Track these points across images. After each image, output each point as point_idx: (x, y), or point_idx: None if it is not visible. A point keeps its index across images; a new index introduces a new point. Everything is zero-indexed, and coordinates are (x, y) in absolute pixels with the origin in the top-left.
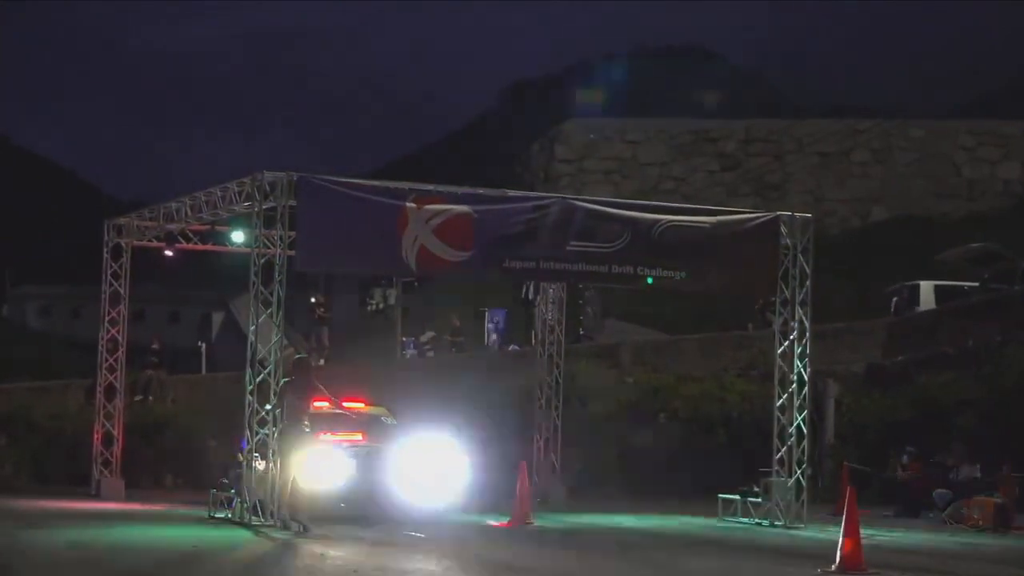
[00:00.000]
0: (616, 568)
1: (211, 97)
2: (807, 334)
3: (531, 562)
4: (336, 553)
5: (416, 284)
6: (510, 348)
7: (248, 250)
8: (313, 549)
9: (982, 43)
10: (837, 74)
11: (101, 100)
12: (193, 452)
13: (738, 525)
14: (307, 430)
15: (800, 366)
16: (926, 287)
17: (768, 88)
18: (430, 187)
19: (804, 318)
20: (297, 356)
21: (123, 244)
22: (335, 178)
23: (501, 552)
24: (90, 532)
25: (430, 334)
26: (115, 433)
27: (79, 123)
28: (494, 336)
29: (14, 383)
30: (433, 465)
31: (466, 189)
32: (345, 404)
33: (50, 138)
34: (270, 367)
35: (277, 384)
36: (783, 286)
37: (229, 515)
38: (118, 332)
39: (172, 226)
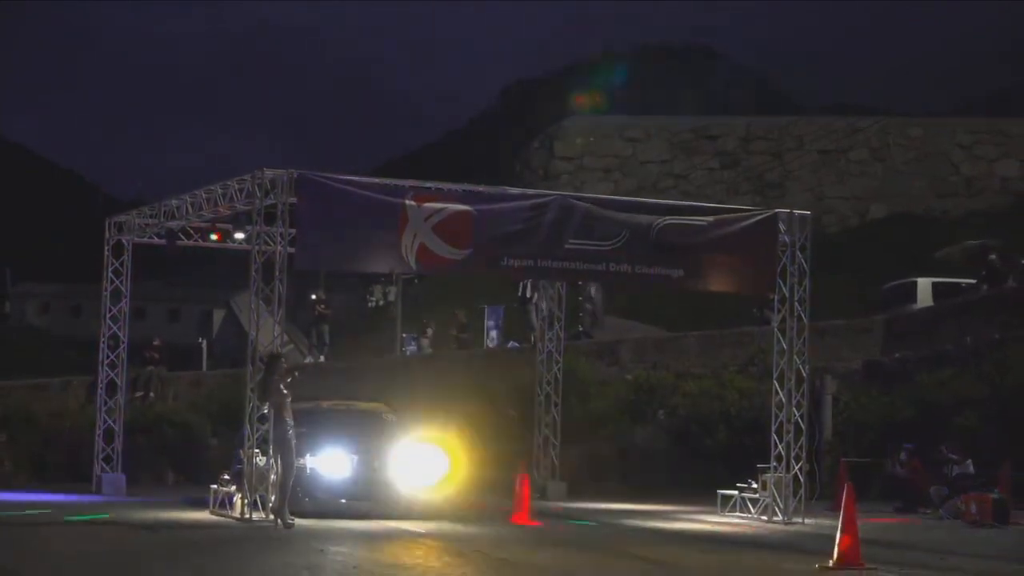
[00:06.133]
0: (614, 564)
1: (210, 95)
2: (805, 331)
3: (530, 558)
4: (337, 548)
5: (416, 281)
6: (509, 345)
7: (249, 247)
8: (314, 544)
9: (980, 43)
10: (837, 72)
11: (96, 97)
12: (194, 448)
13: (737, 521)
14: (290, 427)
15: (798, 363)
16: (923, 284)
17: (768, 86)
18: (429, 185)
19: (802, 315)
20: (271, 353)
21: (124, 241)
22: (335, 176)
23: (501, 548)
24: (91, 529)
25: (430, 331)
26: (116, 429)
27: (71, 119)
28: (494, 333)
29: (13, 380)
30: (428, 461)
31: (465, 187)
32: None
33: (48, 136)
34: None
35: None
36: (782, 283)
37: (231, 511)
38: (119, 329)
39: (173, 223)
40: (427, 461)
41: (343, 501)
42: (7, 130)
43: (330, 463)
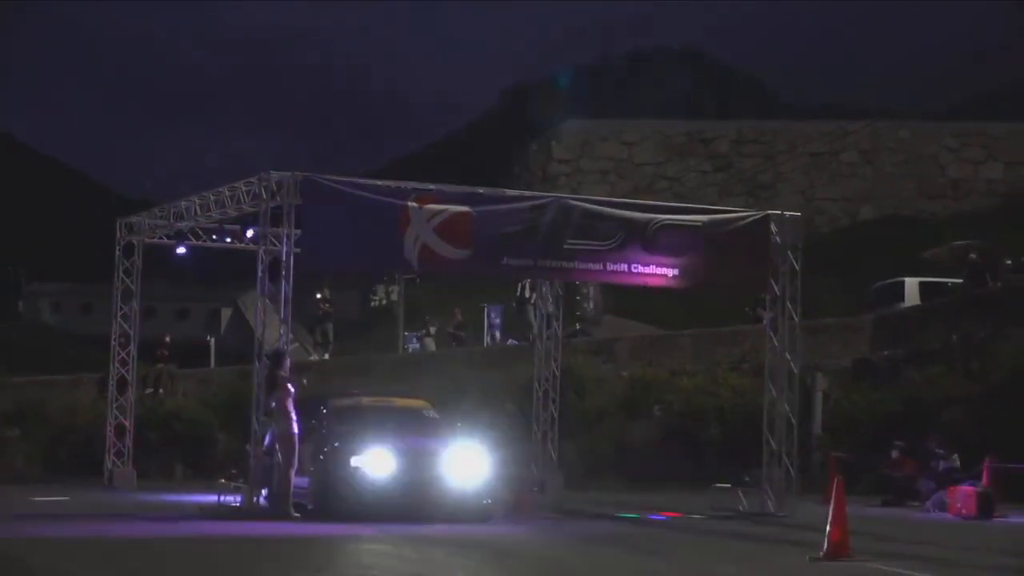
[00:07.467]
0: (611, 555)
1: (212, 97)
2: (797, 330)
3: (530, 549)
4: (340, 541)
5: (417, 281)
6: (508, 343)
7: (255, 248)
8: (323, 539)
9: (967, 45)
10: (829, 75)
11: (99, 97)
12: (202, 443)
13: (730, 513)
14: (294, 421)
15: (790, 360)
16: (911, 283)
17: (760, 90)
18: (431, 187)
19: (794, 314)
20: (275, 350)
21: (135, 242)
22: (339, 178)
23: (501, 540)
24: (99, 523)
25: (433, 329)
26: (127, 425)
27: (76, 119)
28: (497, 332)
29: (26, 377)
30: (476, 461)
31: (466, 188)
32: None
33: (54, 136)
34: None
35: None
36: (774, 283)
37: (238, 504)
38: (130, 327)
39: (182, 224)
40: (475, 461)
41: (387, 501)
42: (13, 130)
43: (376, 462)
